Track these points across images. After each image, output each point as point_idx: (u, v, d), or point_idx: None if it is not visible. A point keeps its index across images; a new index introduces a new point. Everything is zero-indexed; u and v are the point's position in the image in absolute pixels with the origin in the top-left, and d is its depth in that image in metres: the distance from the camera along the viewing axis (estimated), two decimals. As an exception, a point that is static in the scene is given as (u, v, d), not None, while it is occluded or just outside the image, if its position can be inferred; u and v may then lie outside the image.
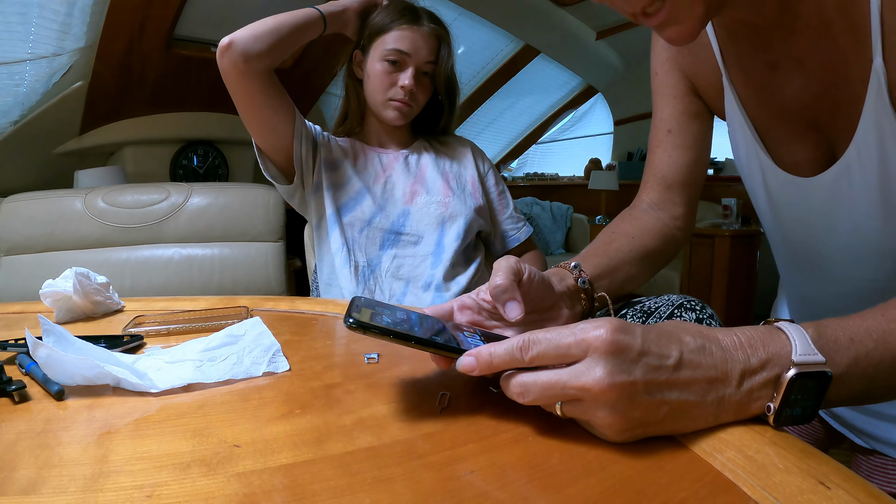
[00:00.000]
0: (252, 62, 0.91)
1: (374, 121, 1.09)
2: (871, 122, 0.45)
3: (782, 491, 0.28)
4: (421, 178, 1.08)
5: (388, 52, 0.98)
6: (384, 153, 1.09)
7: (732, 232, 2.85)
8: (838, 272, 0.57)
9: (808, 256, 0.60)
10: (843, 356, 0.35)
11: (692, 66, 0.63)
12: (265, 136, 1.00)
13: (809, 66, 0.49)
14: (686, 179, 0.68)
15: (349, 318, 0.36)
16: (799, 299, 0.68)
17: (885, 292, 0.53)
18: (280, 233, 1.44)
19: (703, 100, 0.65)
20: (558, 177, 5.34)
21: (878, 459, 0.62)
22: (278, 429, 0.36)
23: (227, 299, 0.80)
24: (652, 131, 0.69)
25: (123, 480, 0.30)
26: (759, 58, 0.53)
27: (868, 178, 0.48)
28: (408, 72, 0.99)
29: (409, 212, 1.05)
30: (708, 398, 0.33)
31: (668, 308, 0.64)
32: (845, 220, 0.53)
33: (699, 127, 0.66)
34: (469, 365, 0.36)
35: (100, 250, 1.34)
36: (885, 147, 0.45)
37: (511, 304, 0.42)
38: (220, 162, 3.16)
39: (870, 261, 0.53)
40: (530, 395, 0.34)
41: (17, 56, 2.18)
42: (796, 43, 0.48)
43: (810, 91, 0.51)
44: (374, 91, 1.02)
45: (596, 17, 3.71)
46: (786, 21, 0.47)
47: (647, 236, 0.65)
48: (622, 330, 0.32)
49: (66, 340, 0.45)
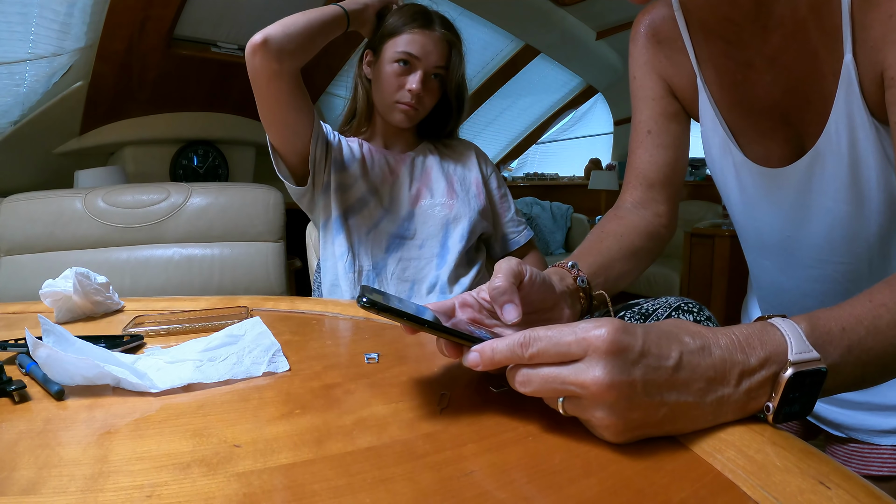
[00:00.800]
0: (285, 61, 0.89)
1: (381, 122, 1.08)
2: (843, 113, 0.48)
3: (782, 491, 0.28)
4: (426, 181, 1.08)
5: (398, 55, 0.98)
6: (391, 155, 1.09)
7: (732, 232, 2.85)
8: (809, 257, 0.60)
9: (780, 244, 0.62)
10: (837, 346, 0.36)
11: (668, 69, 0.66)
12: (284, 137, 0.97)
13: (782, 64, 0.52)
14: (667, 178, 0.70)
15: (363, 298, 0.36)
16: (770, 289, 0.70)
17: (853, 274, 0.58)
18: (280, 233, 1.44)
19: (680, 101, 0.68)
20: (558, 177, 5.34)
21: (854, 446, 0.65)
22: (278, 429, 0.36)
23: (227, 299, 0.80)
24: (632, 133, 0.71)
25: (123, 480, 0.30)
26: (733, 57, 0.56)
27: (839, 165, 0.51)
28: (416, 75, 0.98)
29: (414, 214, 1.05)
30: (707, 399, 0.33)
31: (665, 310, 0.64)
32: (817, 206, 0.56)
33: (677, 127, 0.69)
34: (473, 360, 0.36)
35: (100, 250, 1.34)
36: (855, 134, 0.49)
37: (508, 307, 0.42)
38: (220, 162, 3.16)
39: (840, 244, 0.56)
40: (531, 386, 0.34)
41: (17, 56, 2.18)
42: (769, 41, 0.51)
43: (781, 87, 0.53)
44: (382, 92, 1.01)
45: (596, 17, 3.71)
46: (760, 18, 0.49)
47: (635, 234, 0.67)
48: (623, 330, 0.32)
49: (66, 340, 0.45)
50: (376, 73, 1.02)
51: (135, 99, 2.67)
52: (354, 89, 1.08)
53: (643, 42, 0.67)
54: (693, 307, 0.63)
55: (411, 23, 0.98)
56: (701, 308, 0.63)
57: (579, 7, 3.52)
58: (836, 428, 0.67)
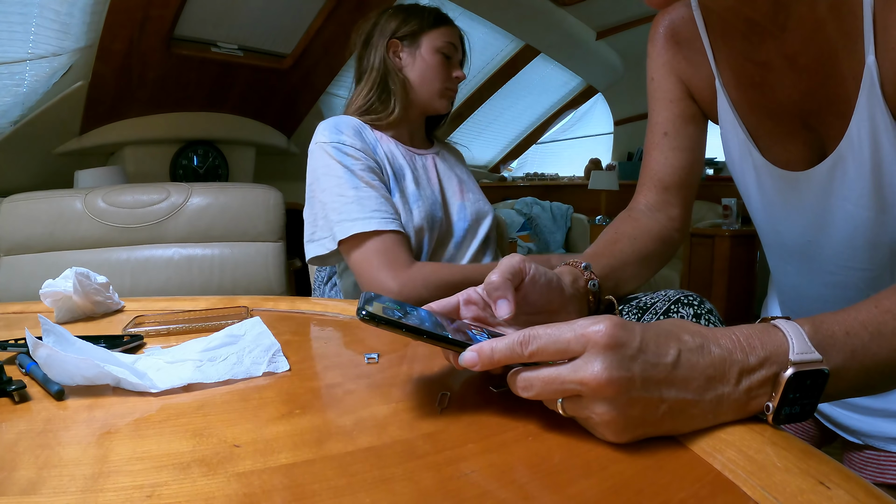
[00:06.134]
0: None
1: (410, 116, 1.05)
2: (865, 116, 0.47)
3: (782, 491, 0.28)
4: (456, 179, 1.09)
5: (444, 45, 1.02)
6: (418, 154, 1.06)
7: (732, 232, 2.85)
8: (831, 263, 0.58)
9: (800, 249, 0.61)
10: (840, 350, 0.35)
11: (687, 70, 0.65)
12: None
13: (801, 65, 0.50)
14: (682, 182, 0.69)
15: (362, 311, 0.36)
16: (791, 293, 0.69)
17: (876, 281, 0.55)
18: (280, 233, 1.44)
19: (698, 103, 0.67)
20: (558, 177, 5.33)
21: (871, 453, 0.63)
22: (278, 429, 0.36)
23: (227, 299, 0.80)
24: (648, 134, 0.70)
25: (123, 480, 0.30)
26: (752, 57, 0.54)
27: (861, 169, 0.50)
28: (457, 64, 1.05)
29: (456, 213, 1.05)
30: (706, 397, 0.33)
31: (664, 304, 0.63)
32: (838, 211, 0.54)
33: (695, 130, 0.68)
34: (471, 359, 0.36)
35: (100, 250, 1.34)
36: (878, 139, 0.47)
37: (501, 303, 0.42)
38: (220, 162, 3.16)
39: (862, 251, 0.55)
40: (533, 390, 0.34)
41: (17, 56, 2.18)
42: (788, 41, 0.50)
43: (801, 89, 0.52)
44: (429, 80, 1.02)
45: (596, 17, 3.71)
46: (778, 18, 0.48)
47: (648, 238, 0.66)
48: (621, 326, 0.32)
49: (66, 340, 0.45)
50: (416, 64, 1.02)
51: (135, 99, 2.67)
52: (382, 79, 1.02)
53: (662, 43, 0.67)
54: (693, 300, 0.62)
55: (439, 18, 1.04)
56: (702, 301, 0.63)
57: (579, 7, 3.52)
58: (853, 434, 0.65)
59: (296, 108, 3.33)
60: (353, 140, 0.94)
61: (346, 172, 0.90)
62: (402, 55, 1.03)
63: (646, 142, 0.71)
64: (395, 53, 1.03)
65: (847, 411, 0.65)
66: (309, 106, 3.35)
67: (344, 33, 2.98)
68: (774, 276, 0.73)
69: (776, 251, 0.67)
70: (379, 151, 0.98)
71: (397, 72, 1.02)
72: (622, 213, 0.71)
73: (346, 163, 0.91)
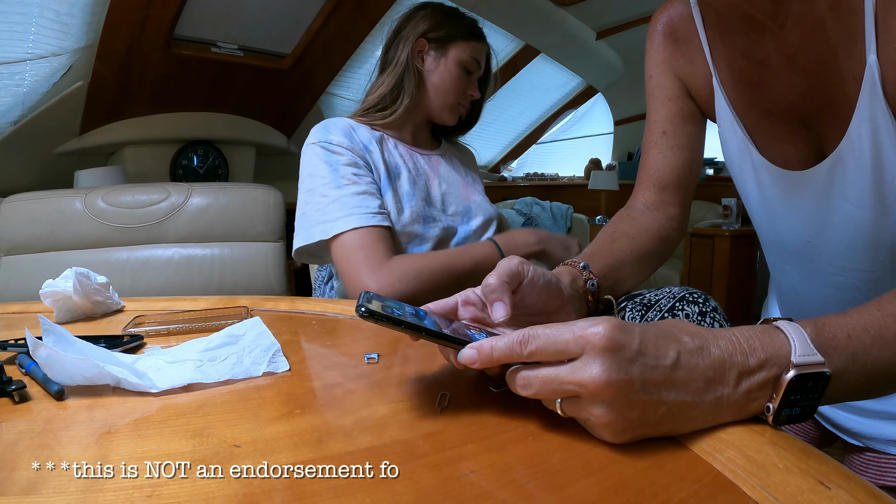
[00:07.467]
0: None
1: (414, 118, 1.05)
2: (865, 116, 0.46)
3: (782, 491, 0.28)
4: (461, 180, 1.08)
5: (469, 60, 1.01)
6: (421, 154, 1.06)
7: (732, 232, 2.85)
8: (831, 264, 0.58)
9: (800, 250, 0.61)
10: (842, 353, 0.35)
11: (685, 68, 0.64)
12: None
13: (800, 64, 0.50)
14: (681, 180, 0.69)
15: (361, 308, 0.36)
16: (791, 294, 0.68)
17: (876, 282, 0.55)
18: (280, 233, 1.44)
19: (696, 102, 0.66)
20: (558, 177, 5.33)
21: (872, 455, 0.63)
22: (278, 429, 0.36)
23: (227, 299, 0.80)
24: (646, 133, 0.70)
25: (123, 480, 0.30)
26: (750, 56, 0.54)
27: (861, 170, 0.49)
28: (474, 82, 1.05)
29: (456, 213, 1.04)
30: (705, 398, 0.33)
31: (669, 301, 0.63)
32: (838, 212, 0.53)
33: (693, 129, 0.67)
34: (471, 357, 0.36)
35: (100, 250, 1.34)
36: (879, 139, 0.47)
37: (497, 305, 0.42)
38: (220, 162, 3.16)
39: (862, 252, 0.54)
40: (532, 389, 0.34)
41: (17, 56, 2.18)
42: (787, 39, 0.49)
43: (800, 88, 0.51)
44: (444, 91, 1.01)
45: (596, 16, 3.71)
46: (778, 15, 0.48)
47: (647, 237, 0.66)
48: (620, 328, 0.32)
49: (66, 340, 0.45)
50: (438, 71, 1.01)
51: (135, 99, 2.68)
52: (401, 77, 1.01)
53: (660, 40, 0.66)
54: (698, 297, 0.62)
55: (474, 32, 1.03)
56: (707, 298, 0.62)
57: (579, 7, 3.52)
58: (854, 436, 0.65)
59: (296, 108, 3.33)
60: (340, 139, 0.94)
61: (331, 172, 0.90)
62: (427, 57, 1.02)
63: (644, 140, 0.70)
64: (420, 53, 1.02)
65: (848, 413, 0.65)
66: (309, 106, 3.35)
67: (344, 33, 2.99)
68: (774, 276, 0.72)
69: (775, 251, 0.66)
70: (372, 149, 0.97)
71: (416, 72, 1.01)
72: (620, 211, 0.71)
73: (330, 161, 0.91)
